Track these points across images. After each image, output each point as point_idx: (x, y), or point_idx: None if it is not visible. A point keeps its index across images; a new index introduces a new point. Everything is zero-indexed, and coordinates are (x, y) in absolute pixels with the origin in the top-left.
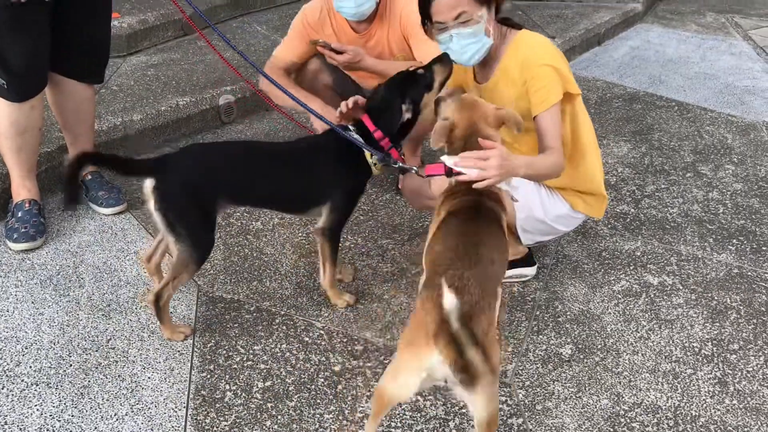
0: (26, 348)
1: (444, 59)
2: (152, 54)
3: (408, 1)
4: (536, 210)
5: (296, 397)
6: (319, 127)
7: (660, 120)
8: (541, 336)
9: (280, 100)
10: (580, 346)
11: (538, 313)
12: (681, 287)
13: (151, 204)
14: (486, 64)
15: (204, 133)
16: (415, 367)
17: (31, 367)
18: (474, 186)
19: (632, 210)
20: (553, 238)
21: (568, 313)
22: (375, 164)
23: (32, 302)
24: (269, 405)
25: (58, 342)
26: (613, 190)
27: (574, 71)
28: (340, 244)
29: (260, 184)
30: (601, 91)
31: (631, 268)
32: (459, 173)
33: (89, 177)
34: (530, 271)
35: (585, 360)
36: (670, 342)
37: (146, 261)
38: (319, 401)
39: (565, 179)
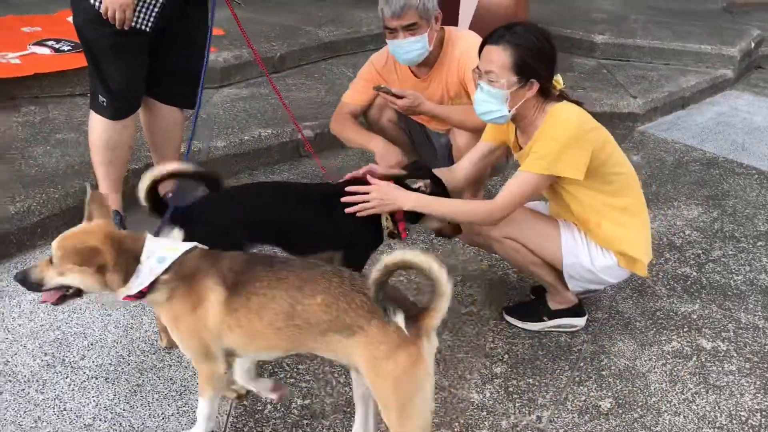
0: (92, 344)
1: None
2: (243, 87)
3: (466, 47)
4: (583, 258)
5: (332, 417)
6: (381, 167)
7: (737, 187)
8: (582, 387)
9: (348, 141)
10: (620, 401)
11: (582, 364)
12: (735, 354)
13: None
14: (524, 130)
15: (281, 164)
16: (425, 371)
17: (93, 362)
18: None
19: (694, 273)
20: (600, 288)
21: (613, 367)
22: (387, 229)
23: (103, 304)
24: (305, 422)
25: (120, 342)
26: (677, 251)
27: (653, 132)
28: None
29: (280, 226)
30: (679, 154)
31: (685, 330)
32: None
33: (170, 195)
34: (579, 321)
35: (623, 415)
36: (716, 408)
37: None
38: (353, 424)
39: (596, 237)
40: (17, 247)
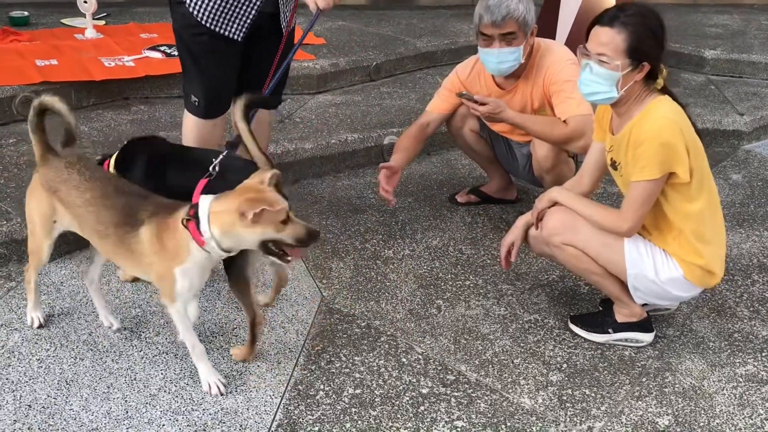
0: (167, 323)
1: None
2: (338, 94)
3: (555, 60)
4: (647, 270)
5: (380, 408)
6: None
7: None
8: (640, 402)
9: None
10: (680, 420)
11: (644, 379)
12: None
13: None
14: (619, 116)
15: (366, 167)
16: None
17: (167, 338)
18: None
19: None
20: (670, 305)
21: (677, 385)
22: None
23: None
24: (353, 410)
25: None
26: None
27: (760, 151)
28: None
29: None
30: None
31: (764, 354)
32: None
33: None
34: (646, 337)
35: None
36: None
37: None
38: (399, 416)
39: (663, 245)
40: None
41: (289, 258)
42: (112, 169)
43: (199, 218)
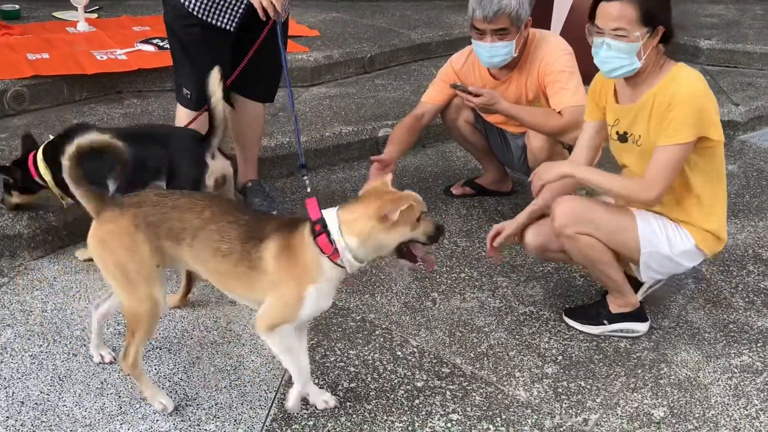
0: (160, 318)
1: None
2: (332, 87)
3: (550, 50)
4: (662, 246)
5: (374, 401)
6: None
7: None
8: (635, 394)
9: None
10: (675, 411)
11: (639, 371)
12: None
13: None
14: (633, 86)
15: (360, 160)
16: None
17: (160, 333)
18: None
19: None
20: (663, 277)
21: (673, 376)
22: None
23: (177, 283)
24: (348, 404)
25: (187, 317)
26: (763, 264)
27: (755, 141)
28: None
29: None
30: None
31: (759, 345)
32: None
33: (249, 184)
34: (641, 326)
35: (677, 425)
36: None
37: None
38: (394, 410)
39: (678, 213)
40: None
41: (419, 262)
42: (40, 159)
43: (329, 230)
